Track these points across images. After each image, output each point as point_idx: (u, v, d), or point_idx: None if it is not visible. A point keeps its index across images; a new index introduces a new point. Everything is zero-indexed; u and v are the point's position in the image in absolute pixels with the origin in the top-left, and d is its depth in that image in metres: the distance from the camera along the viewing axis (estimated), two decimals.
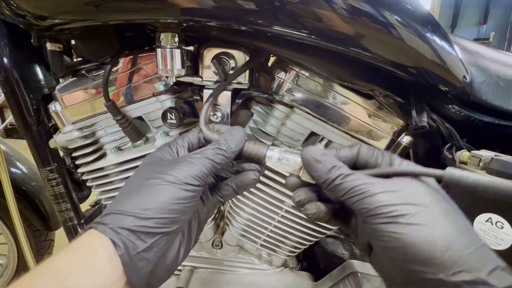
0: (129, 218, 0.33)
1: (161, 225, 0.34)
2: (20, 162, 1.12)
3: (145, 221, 0.33)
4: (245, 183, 0.43)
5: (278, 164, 0.41)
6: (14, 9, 0.46)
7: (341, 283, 0.69)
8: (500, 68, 0.59)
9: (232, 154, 0.40)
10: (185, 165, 0.37)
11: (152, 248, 0.34)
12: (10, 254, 1.21)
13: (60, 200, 0.72)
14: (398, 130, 0.59)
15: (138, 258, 0.33)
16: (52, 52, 0.56)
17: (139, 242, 0.33)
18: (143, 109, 0.62)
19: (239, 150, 0.41)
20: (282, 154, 0.41)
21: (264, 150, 0.42)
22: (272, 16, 0.42)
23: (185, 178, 0.36)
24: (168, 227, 0.34)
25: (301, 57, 0.52)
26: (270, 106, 0.59)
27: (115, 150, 0.65)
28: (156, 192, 0.35)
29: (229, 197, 0.44)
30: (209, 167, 0.38)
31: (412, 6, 0.45)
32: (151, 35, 0.60)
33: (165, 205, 0.34)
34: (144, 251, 0.33)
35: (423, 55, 0.46)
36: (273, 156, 0.41)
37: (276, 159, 0.41)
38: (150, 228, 0.33)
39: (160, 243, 0.34)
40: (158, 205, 0.34)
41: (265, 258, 0.76)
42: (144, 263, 0.33)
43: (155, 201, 0.34)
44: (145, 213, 0.34)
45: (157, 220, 0.34)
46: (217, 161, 0.38)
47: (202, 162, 0.38)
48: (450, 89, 0.52)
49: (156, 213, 0.34)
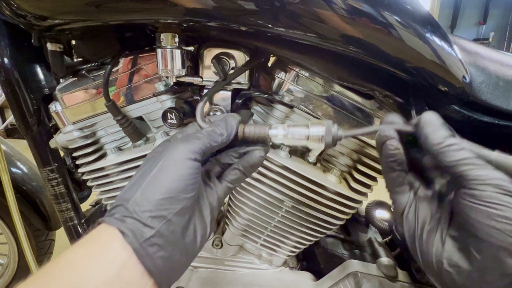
0: (132, 205, 0.33)
1: (164, 207, 0.34)
2: (21, 162, 1.12)
3: (148, 205, 0.33)
4: (252, 162, 0.43)
5: (285, 139, 0.42)
6: (15, 9, 0.47)
7: (341, 283, 0.69)
8: (500, 68, 0.59)
9: (227, 133, 0.40)
10: (181, 143, 0.37)
11: (162, 233, 0.33)
12: (10, 254, 1.21)
13: (60, 200, 0.72)
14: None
15: (148, 244, 0.33)
16: (52, 52, 0.56)
17: (146, 229, 0.33)
18: (144, 109, 0.62)
19: (234, 130, 0.41)
20: (286, 129, 0.42)
21: (266, 130, 0.42)
22: (272, 16, 0.42)
23: (181, 154, 0.36)
24: (172, 209, 0.34)
25: (301, 57, 0.53)
26: (270, 106, 0.59)
27: (115, 150, 0.66)
28: (155, 174, 0.35)
29: (238, 181, 0.44)
30: (205, 142, 0.38)
31: (411, 6, 0.45)
32: (151, 35, 0.60)
33: (165, 185, 0.34)
34: (154, 237, 0.33)
35: (422, 55, 0.46)
36: (278, 134, 0.42)
37: (282, 136, 0.42)
38: (153, 211, 0.33)
39: (170, 227, 0.34)
40: (158, 186, 0.34)
41: (265, 258, 0.76)
42: (156, 249, 0.33)
43: (155, 183, 0.34)
44: (147, 197, 0.34)
45: (159, 201, 0.33)
46: (212, 138, 0.39)
47: (197, 138, 0.38)
48: (449, 89, 0.52)
49: (158, 195, 0.34)
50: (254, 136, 0.43)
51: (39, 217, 1.10)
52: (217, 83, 0.53)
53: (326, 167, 0.65)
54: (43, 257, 1.24)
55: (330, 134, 0.40)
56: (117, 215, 0.34)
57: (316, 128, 0.41)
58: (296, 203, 0.64)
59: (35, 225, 1.12)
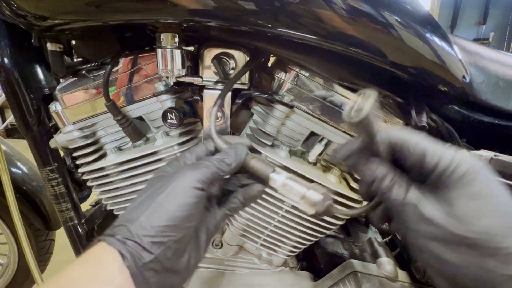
0: (135, 228, 0.34)
1: (166, 234, 0.34)
2: (21, 162, 1.12)
3: (150, 230, 0.34)
4: (251, 194, 0.44)
5: (281, 188, 0.42)
6: (15, 9, 0.47)
7: (341, 283, 0.69)
8: (500, 68, 0.59)
9: (236, 164, 0.41)
10: (190, 170, 0.38)
11: (159, 259, 0.34)
12: (10, 254, 1.21)
13: (60, 200, 0.72)
14: None
15: (145, 268, 0.33)
16: (52, 52, 0.56)
17: (145, 253, 0.33)
18: (144, 109, 0.62)
19: (242, 160, 0.42)
20: (287, 180, 0.42)
21: (269, 171, 0.42)
22: (272, 16, 0.42)
23: (189, 182, 0.36)
24: (173, 236, 0.35)
25: (301, 57, 0.53)
26: (270, 106, 0.59)
27: (115, 150, 0.66)
28: (161, 200, 0.36)
29: (236, 210, 0.45)
30: (213, 172, 0.39)
31: (411, 6, 0.45)
32: (152, 35, 0.60)
33: (170, 213, 0.35)
34: (151, 262, 0.33)
35: (422, 55, 0.47)
36: (278, 180, 0.42)
37: (281, 184, 0.42)
38: (155, 237, 0.34)
39: (167, 253, 0.34)
40: (163, 213, 0.35)
41: (265, 258, 0.76)
42: (151, 273, 0.34)
43: (159, 209, 0.35)
44: (150, 222, 0.34)
45: (162, 228, 0.34)
46: (220, 168, 0.40)
47: (206, 167, 0.39)
48: (449, 89, 0.52)
49: (161, 222, 0.34)
50: (256, 171, 0.43)
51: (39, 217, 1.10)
52: (223, 88, 0.53)
53: (326, 167, 0.65)
54: (43, 257, 1.24)
55: (323, 206, 0.40)
56: (119, 236, 0.34)
57: (314, 194, 0.41)
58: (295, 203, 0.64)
59: (35, 225, 1.12)
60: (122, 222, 0.35)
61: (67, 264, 0.33)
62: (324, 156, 0.64)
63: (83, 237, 0.77)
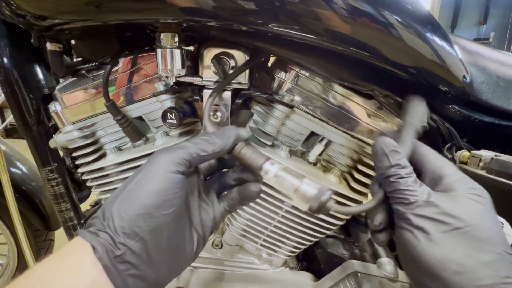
0: (107, 219, 0.32)
1: (137, 223, 0.32)
2: (20, 162, 1.12)
3: (121, 220, 0.32)
4: (246, 194, 0.42)
5: (273, 180, 0.39)
6: (14, 9, 0.47)
7: (341, 283, 0.69)
8: (500, 68, 0.59)
9: (221, 144, 0.38)
10: (163, 152, 0.35)
11: (134, 251, 0.32)
12: (10, 254, 1.21)
13: (60, 200, 0.72)
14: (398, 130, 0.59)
15: (118, 261, 0.31)
16: (52, 52, 0.56)
17: (119, 245, 0.31)
18: (143, 109, 0.62)
19: (230, 142, 0.39)
20: (280, 171, 0.39)
21: (261, 161, 0.39)
22: (272, 16, 0.42)
23: (162, 166, 0.34)
24: (147, 226, 0.32)
25: (301, 57, 0.52)
26: (270, 106, 0.59)
27: (115, 150, 0.66)
28: (131, 188, 0.33)
29: (235, 207, 0.43)
30: (191, 152, 0.36)
31: (412, 6, 0.45)
32: (151, 35, 0.60)
33: (140, 201, 0.33)
34: (125, 254, 0.31)
35: (423, 55, 0.46)
36: (270, 171, 0.39)
37: (273, 175, 0.39)
38: (125, 228, 0.32)
39: (144, 245, 0.32)
40: (133, 201, 0.33)
41: (265, 258, 0.76)
42: (126, 266, 0.32)
43: (130, 197, 0.33)
44: (121, 212, 0.32)
45: (132, 218, 0.32)
46: (201, 147, 0.36)
47: (183, 147, 0.36)
48: (450, 89, 0.52)
49: (132, 211, 0.32)
50: (247, 161, 0.39)
51: (38, 217, 1.10)
52: (220, 82, 0.52)
53: (326, 167, 0.65)
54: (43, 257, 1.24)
55: (318, 201, 0.37)
56: (92, 228, 0.32)
57: (308, 187, 0.38)
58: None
59: (34, 225, 1.12)
60: (98, 213, 0.34)
61: None
62: (324, 156, 0.64)
63: None
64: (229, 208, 0.42)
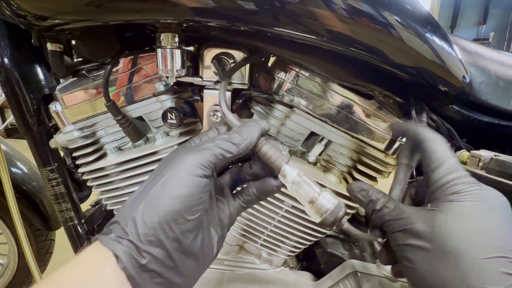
0: (130, 226, 0.30)
1: (162, 232, 0.30)
2: (21, 162, 1.12)
3: (145, 227, 0.30)
4: (266, 190, 0.40)
5: (290, 185, 0.38)
6: (15, 9, 0.47)
7: (341, 283, 0.69)
8: (500, 68, 0.59)
9: (245, 145, 0.36)
10: (188, 154, 0.34)
11: (159, 259, 0.30)
12: (10, 253, 1.21)
13: (60, 200, 0.72)
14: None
15: (143, 270, 0.30)
16: (52, 52, 0.56)
17: (143, 253, 0.30)
18: (144, 109, 0.62)
19: (254, 141, 0.37)
20: (300, 177, 0.38)
21: (282, 162, 0.38)
22: (272, 16, 0.42)
23: (187, 169, 0.32)
24: (172, 232, 0.31)
25: (301, 57, 0.53)
26: (270, 106, 0.59)
27: (115, 150, 0.66)
28: (155, 193, 0.32)
29: (252, 203, 0.41)
30: (216, 154, 0.34)
31: (411, 6, 0.45)
32: (152, 35, 0.60)
33: (165, 206, 0.31)
34: (150, 263, 0.30)
35: (422, 55, 0.46)
36: (289, 175, 0.38)
37: (291, 180, 0.38)
38: (149, 235, 0.30)
39: (168, 252, 0.31)
40: (158, 207, 0.31)
41: (265, 258, 0.76)
42: (151, 275, 0.30)
43: (154, 202, 0.31)
44: (145, 218, 0.30)
45: (157, 224, 0.30)
46: (226, 148, 0.35)
47: (208, 149, 0.34)
48: (449, 89, 0.52)
49: (157, 217, 0.30)
50: (268, 160, 0.38)
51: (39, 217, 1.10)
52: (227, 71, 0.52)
53: (326, 167, 0.65)
54: (43, 257, 1.24)
55: (333, 216, 0.36)
56: (113, 235, 0.30)
57: (326, 201, 0.37)
58: (296, 203, 0.64)
59: (35, 225, 1.12)
60: (117, 218, 0.32)
61: None
62: (324, 156, 0.64)
63: (83, 237, 0.77)
64: (245, 204, 0.40)
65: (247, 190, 0.40)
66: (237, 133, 0.37)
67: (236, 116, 0.42)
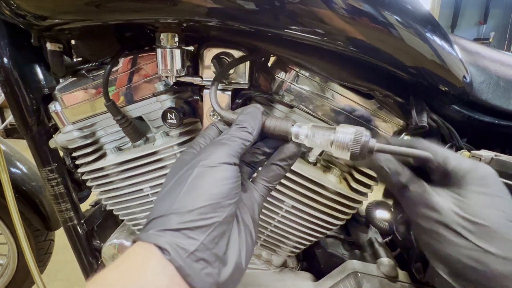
0: (171, 217, 0.29)
1: (207, 215, 0.29)
2: (20, 162, 1.12)
3: (189, 214, 0.29)
4: (289, 153, 0.39)
5: (306, 140, 0.38)
6: (14, 9, 0.47)
7: (341, 283, 0.68)
8: (500, 68, 0.59)
9: (256, 130, 0.37)
10: (215, 148, 0.34)
11: (207, 246, 0.29)
12: (10, 254, 1.21)
13: (60, 200, 0.72)
14: (398, 130, 0.59)
15: (193, 259, 0.28)
16: (52, 52, 0.56)
17: (189, 241, 0.28)
18: (143, 109, 0.62)
19: (259, 126, 0.38)
20: (310, 130, 0.38)
21: (288, 126, 0.38)
22: (272, 16, 0.42)
23: (219, 158, 0.33)
24: (216, 216, 0.30)
25: (301, 57, 0.52)
26: (270, 106, 0.59)
27: (115, 150, 0.66)
28: (193, 181, 0.31)
29: (277, 178, 0.39)
30: (239, 144, 0.35)
31: (412, 6, 0.45)
32: (151, 35, 0.60)
33: (207, 190, 0.30)
34: (198, 251, 0.28)
35: (423, 55, 0.46)
36: (300, 132, 0.38)
37: (304, 136, 0.38)
38: (196, 221, 0.29)
39: (215, 238, 0.30)
40: (200, 192, 0.30)
41: (265, 258, 0.76)
42: (203, 264, 0.28)
43: (194, 190, 0.30)
44: (187, 205, 0.29)
45: (201, 209, 0.29)
46: (245, 137, 0.36)
47: (231, 140, 0.35)
48: (450, 89, 0.52)
49: (199, 202, 0.30)
50: (274, 131, 0.39)
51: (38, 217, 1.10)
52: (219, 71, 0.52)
53: (326, 167, 0.65)
54: (43, 257, 1.24)
55: (358, 144, 0.35)
56: (152, 230, 0.29)
57: (343, 134, 0.35)
58: (296, 203, 0.64)
59: (34, 225, 1.12)
60: (153, 215, 0.31)
61: (67, 264, 0.29)
62: (324, 156, 0.64)
63: (83, 237, 0.77)
64: (270, 184, 0.39)
65: (269, 167, 0.39)
66: (244, 121, 0.37)
67: (229, 111, 0.42)
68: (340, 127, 0.36)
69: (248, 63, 0.54)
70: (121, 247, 0.75)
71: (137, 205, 0.69)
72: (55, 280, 1.48)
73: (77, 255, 0.79)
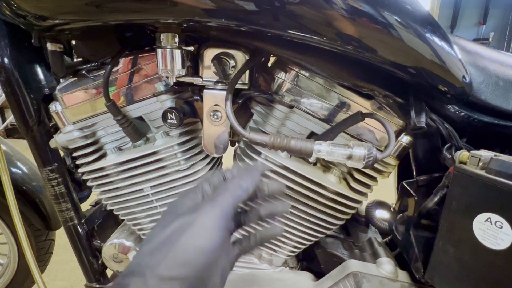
0: (152, 279, 0.29)
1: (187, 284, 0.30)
2: (21, 162, 1.12)
3: (169, 282, 0.29)
4: (273, 234, 0.40)
5: (327, 156, 0.50)
6: (15, 9, 0.47)
7: (341, 283, 0.69)
8: (499, 68, 0.59)
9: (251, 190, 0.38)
10: (210, 206, 0.34)
11: None
12: (10, 254, 1.21)
13: (60, 200, 0.72)
14: (398, 130, 0.59)
15: None
16: (52, 52, 0.56)
17: None
18: (144, 109, 0.62)
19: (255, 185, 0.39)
20: (330, 147, 0.50)
21: (311, 145, 0.50)
22: (272, 17, 0.42)
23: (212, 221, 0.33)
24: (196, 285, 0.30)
25: (301, 57, 0.53)
26: (270, 106, 0.59)
27: (115, 150, 0.66)
28: (180, 244, 0.31)
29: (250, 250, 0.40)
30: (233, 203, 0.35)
31: (411, 6, 0.45)
32: (152, 35, 0.60)
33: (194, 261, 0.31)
34: None
35: (422, 56, 0.47)
36: (322, 150, 0.50)
37: (325, 152, 0.50)
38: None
39: None
40: (184, 259, 0.31)
41: (265, 258, 0.76)
42: None
43: (180, 255, 0.31)
44: (171, 273, 0.30)
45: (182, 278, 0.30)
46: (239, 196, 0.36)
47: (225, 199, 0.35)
48: (449, 89, 0.52)
49: (181, 269, 0.30)
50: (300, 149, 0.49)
51: (39, 217, 1.10)
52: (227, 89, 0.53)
53: (326, 167, 0.65)
54: (43, 257, 1.24)
55: (371, 157, 0.48)
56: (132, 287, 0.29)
57: (359, 150, 0.49)
58: (296, 203, 0.64)
59: (35, 225, 1.12)
60: (137, 267, 0.31)
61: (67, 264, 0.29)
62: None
63: (83, 237, 0.77)
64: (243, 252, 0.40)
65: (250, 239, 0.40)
66: (241, 178, 0.38)
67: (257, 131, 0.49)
68: (353, 145, 0.49)
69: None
70: (121, 246, 0.75)
71: (137, 205, 0.69)
72: (56, 279, 1.48)
73: (77, 255, 0.79)
